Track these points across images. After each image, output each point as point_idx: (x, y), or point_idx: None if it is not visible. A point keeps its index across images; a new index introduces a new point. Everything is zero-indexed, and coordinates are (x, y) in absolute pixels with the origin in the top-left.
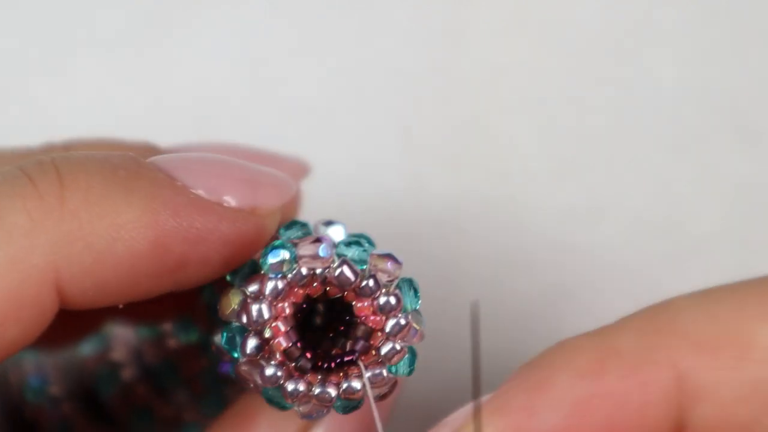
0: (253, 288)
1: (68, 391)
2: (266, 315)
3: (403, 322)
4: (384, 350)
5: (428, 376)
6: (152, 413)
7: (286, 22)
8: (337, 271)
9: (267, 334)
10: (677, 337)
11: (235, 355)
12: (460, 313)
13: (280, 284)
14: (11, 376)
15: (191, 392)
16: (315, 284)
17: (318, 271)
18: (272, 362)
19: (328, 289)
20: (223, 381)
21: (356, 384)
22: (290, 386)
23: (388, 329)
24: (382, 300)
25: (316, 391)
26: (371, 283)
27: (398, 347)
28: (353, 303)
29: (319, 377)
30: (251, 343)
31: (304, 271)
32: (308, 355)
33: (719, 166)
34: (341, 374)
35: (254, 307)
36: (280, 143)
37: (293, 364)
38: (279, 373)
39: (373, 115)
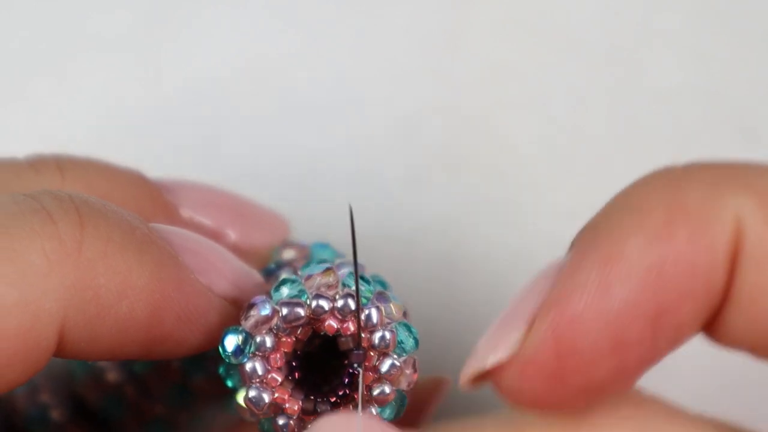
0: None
1: (68, 413)
2: (266, 398)
3: (374, 312)
4: (377, 342)
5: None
6: (169, 423)
7: (286, 22)
8: (284, 311)
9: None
10: (744, 193)
11: (265, 428)
12: (459, 313)
13: (258, 365)
14: (15, 403)
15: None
16: (284, 339)
17: (276, 326)
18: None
19: (298, 333)
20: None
21: (385, 388)
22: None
23: (375, 342)
24: (340, 303)
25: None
26: (321, 302)
27: (388, 335)
28: (321, 327)
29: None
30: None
31: (267, 338)
32: (311, 397)
33: None
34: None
35: (257, 405)
36: (281, 143)
37: (312, 410)
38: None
39: (373, 114)
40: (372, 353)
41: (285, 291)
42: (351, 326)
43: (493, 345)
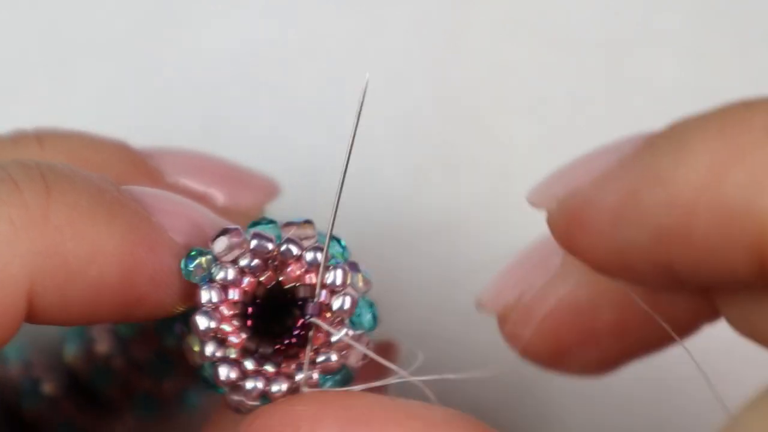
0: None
1: (63, 389)
2: (213, 324)
3: (340, 272)
4: (336, 305)
5: (429, 374)
6: (154, 395)
7: (285, 21)
8: (253, 243)
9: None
10: None
11: (220, 390)
12: (459, 312)
13: (214, 291)
14: (8, 378)
15: (188, 369)
16: (247, 278)
17: (243, 263)
18: (248, 377)
19: (262, 279)
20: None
21: (331, 355)
22: (275, 388)
23: (328, 281)
24: (308, 255)
25: (298, 378)
26: (290, 246)
27: (348, 300)
28: (286, 272)
29: (293, 366)
30: (222, 371)
31: (229, 268)
32: (267, 341)
33: None
34: (313, 352)
35: (200, 321)
36: (281, 142)
37: (258, 361)
38: (259, 384)
39: (373, 114)
40: (327, 315)
41: (260, 228)
42: (313, 278)
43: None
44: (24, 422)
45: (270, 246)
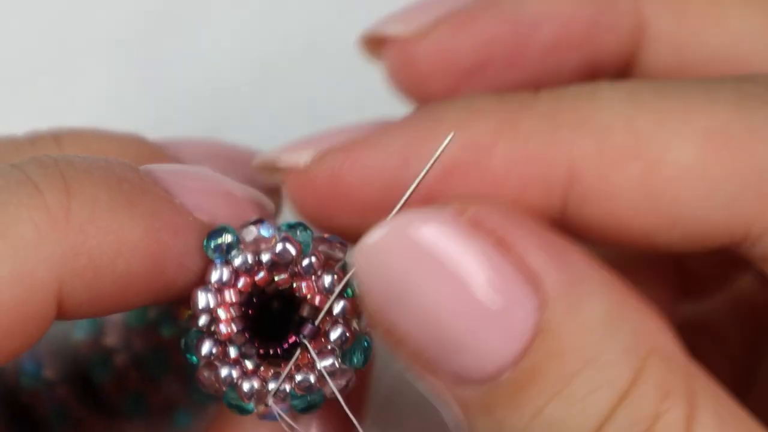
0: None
1: (63, 375)
2: (212, 303)
3: (348, 306)
4: (333, 335)
5: None
6: (145, 399)
7: (286, 22)
8: (278, 247)
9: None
10: (585, 138)
11: (194, 359)
12: None
13: (225, 272)
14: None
15: (181, 379)
16: (261, 273)
17: (264, 258)
18: (226, 362)
19: (276, 278)
20: None
21: (310, 377)
22: (246, 385)
23: (335, 310)
24: (326, 279)
25: (271, 386)
26: (313, 260)
27: (347, 335)
28: (299, 285)
29: (272, 372)
30: (206, 345)
31: (249, 255)
32: (255, 343)
33: None
34: (295, 367)
35: (200, 297)
36: (283, 142)
37: (241, 354)
38: (234, 373)
39: (372, 114)
40: (322, 339)
41: (294, 232)
42: (322, 300)
43: None
44: (20, 403)
45: (293, 253)
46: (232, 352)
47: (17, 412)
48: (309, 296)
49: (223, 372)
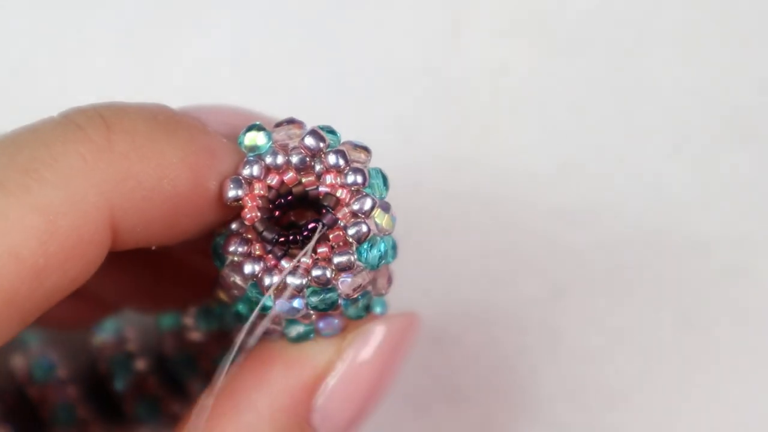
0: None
1: (75, 376)
2: (241, 192)
3: (369, 203)
4: (351, 230)
5: (429, 373)
6: (160, 404)
7: (285, 22)
8: (307, 139)
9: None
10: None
11: (219, 264)
12: (459, 312)
13: (256, 167)
14: (16, 359)
15: (205, 385)
16: (291, 173)
17: (294, 159)
18: (251, 258)
19: (304, 180)
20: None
21: (327, 271)
22: (267, 280)
23: (355, 206)
24: (350, 177)
25: (289, 280)
26: (339, 155)
27: (364, 227)
28: (323, 179)
29: (274, 261)
30: (233, 244)
31: (279, 154)
32: (277, 229)
33: (719, 166)
34: (312, 263)
35: (232, 187)
36: None
37: (264, 246)
38: (257, 268)
39: (373, 114)
40: (339, 233)
41: (321, 129)
42: (345, 194)
43: None
44: (28, 398)
45: (321, 145)
46: (257, 248)
47: (24, 408)
48: (332, 190)
49: (247, 269)
